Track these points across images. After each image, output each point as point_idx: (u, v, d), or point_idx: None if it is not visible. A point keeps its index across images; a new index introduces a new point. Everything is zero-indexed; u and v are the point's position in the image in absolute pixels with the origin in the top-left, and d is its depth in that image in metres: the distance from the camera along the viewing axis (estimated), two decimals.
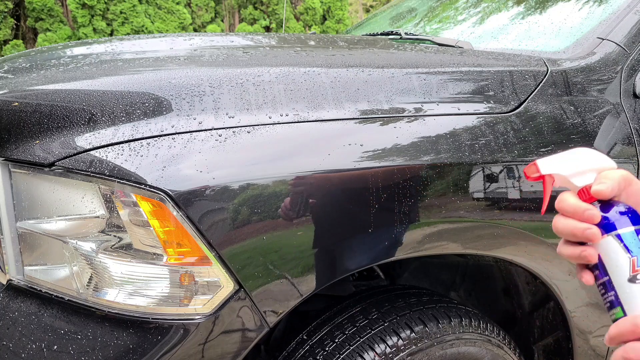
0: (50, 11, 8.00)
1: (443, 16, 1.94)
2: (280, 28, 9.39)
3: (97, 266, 0.89)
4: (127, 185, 0.85)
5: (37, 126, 0.91)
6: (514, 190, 1.07)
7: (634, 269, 0.54)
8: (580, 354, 1.30)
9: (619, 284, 0.55)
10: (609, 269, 0.56)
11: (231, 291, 0.90)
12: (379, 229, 0.96)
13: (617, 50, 1.23)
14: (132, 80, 0.98)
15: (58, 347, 0.87)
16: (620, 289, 0.55)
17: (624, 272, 0.55)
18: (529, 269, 1.15)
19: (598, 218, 0.57)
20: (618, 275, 0.56)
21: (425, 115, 1.04)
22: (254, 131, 0.92)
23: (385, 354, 1.04)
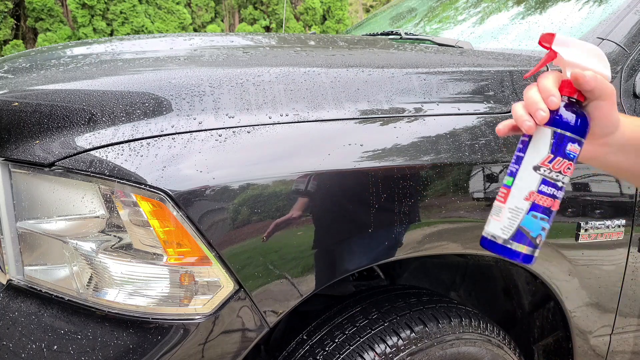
0: (50, 11, 8.00)
1: (443, 16, 1.94)
2: (280, 28, 9.39)
3: (97, 266, 0.89)
4: (127, 185, 0.85)
5: (37, 126, 0.91)
6: None
7: (543, 163, 0.61)
8: (580, 354, 1.30)
9: (525, 164, 0.63)
10: (528, 151, 0.63)
11: (231, 291, 0.90)
12: (379, 229, 0.96)
13: (617, 50, 1.23)
14: (132, 80, 0.98)
15: (58, 347, 0.87)
16: (523, 168, 0.63)
17: (535, 160, 0.62)
18: (528, 269, 1.15)
19: (555, 106, 0.61)
20: (530, 159, 0.62)
21: (425, 115, 1.04)
22: (254, 131, 0.92)
23: (385, 354, 1.04)
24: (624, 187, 1.19)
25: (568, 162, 0.61)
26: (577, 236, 1.15)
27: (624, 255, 1.22)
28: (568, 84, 0.63)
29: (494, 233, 0.64)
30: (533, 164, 0.62)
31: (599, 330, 1.28)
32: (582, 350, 1.29)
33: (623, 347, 1.35)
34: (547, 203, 0.62)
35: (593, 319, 1.26)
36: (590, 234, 1.16)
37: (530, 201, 0.62)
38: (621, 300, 1.27)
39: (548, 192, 0.62)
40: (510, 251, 0.64)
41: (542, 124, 0.62)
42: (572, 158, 0.62)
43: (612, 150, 0.69)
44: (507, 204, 0.64)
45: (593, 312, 1.25)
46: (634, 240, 1.22)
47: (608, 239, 1.18)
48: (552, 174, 0.61)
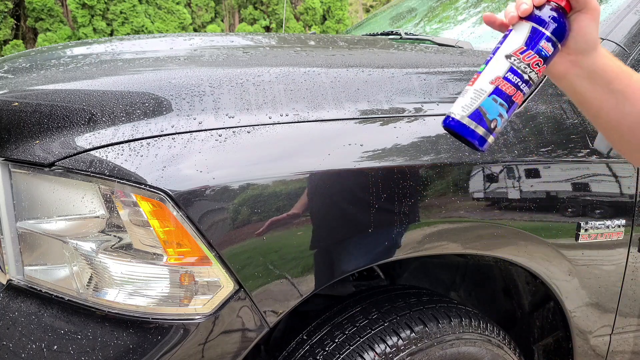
0: (50, 11, 8.00)
1: (443, 16, 1.94)
2: (280, 28, 9.38)
3: (97, 266, 0.89)
4: (127, 185, 0.85)
5: (37, 126, 0.91)
6: (514, 190, 1.07)
7: (515, 52, 0.66)
8: (580, 354, 1.30)
9: (499, 53, 0.67)
10: (506, 41, 0.68)
11: (231, 291, 0.90)
12: (379, 229, 0.96)
13: (617, 50, 1.23)
14: (132, 80, 0.98)
15: (58, 347, 0.87)
16: (496, 56, 0.67)
17: (509, 49, 0.66)
18: (529, 269, 1.15)
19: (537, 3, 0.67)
20: (504, 48, 0.67)
21: (425, 115, 1.04)
22: (254, 131, 0.92)
23: (385, 354, 1.04)
24: (624, 187, 1.19)
25: (539, 58, 0.65)
26: (577, 236, 1.15)
27: (624, 255, 1.22)
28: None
29: (455, 110, 0.68)
30: (506, 52, 0.66)
31: (599, 330, 1.28)
32: (582, 350, 1.29)
33: (623, 347, 1.35)
34: (510, 91, 0.66)
35: (593, 319, 1.26)
36: (590, 234, 1.16)
37: (494, 85, 0.66)
38: (621, 300, 1.27)
39: (513, 81, 0.66)
40: (466, 129, 0.67)
41: (524, 16, 0.67)
42: (544, 56, 0.66)
43: (581, 73, 0.72)
44: (473, 85, 0.68)
45: (593, 312, 1.25)
46: (634, 240, 1.22)
47: (608, 239, 1.18)
48: (522, 64, 0.65)
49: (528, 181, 1.08)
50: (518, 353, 1.25)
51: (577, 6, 0.69)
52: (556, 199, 1.11)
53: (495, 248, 1.10)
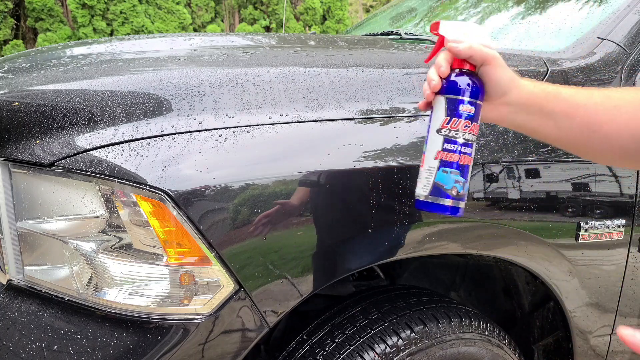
0: (50, 11, 8.00)
1: (443, 16, 1.94)
2: (280, 28, 9.38)
3: (97, 266, 0.89)
4: (127, 185, 0.85)
5: (37, 126, 0.91)
6: (514, 190, 1.07)
7: (443, 125, 0.72)
8: (580, 354, 1.30)
9: (431, 130, 0.74)
10: (432, 118, 0.74)
11: (231, 291, 0.90)
12: (379, 229, 0.96)
13: (617, 50, 1.23)
14: (132, 80, 0.98)
15: (58, 347, 0.87)
16: (430, 133, 0.74)
17: (437, 124, 0.73)
18: (529, 269, 1.15)
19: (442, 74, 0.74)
20: (433, 124, 0.74)
21: (425, 115, 1.04)
22: (254, 131, 0.92)
23: (385, 354, 1.04)
24: (624, 187, 1.19)
25: (465, 121, 0.72)
26: (577, 236, 1.15)
27: (624, 255, 1.22)
28: (456, 59, 0.74)
29: (418, 192, 0.75)
30: (436, 127, 0.73)
31: (599, 330, 1.28)
32: (582, 350, 1.29)
33: (623, 347, 1.35)
34: (454, 158, 0.72)
35: (593, 319, 1.26)
36: (590, 234, 1.16)
37: (438, 159, 0.73)
38: (621, 300, 1.27)
39: (452, 149, 0.72)
40: (434, 205, 0.74)
41: (436, 91, 0.74)
42: (469, 117, 0.72)
43: (514, 110, 0.76)
44: (423, 166, 0.75)
45: (593, 312, 1.25)
46: (634, 240, 1.22)
47: (608, 239, 1.18)
48: (452, 132, 0.72)
49: (528, 181, 1.08)
50: (518, 353, 1.25)
51: (478, 62, 0.74)
52: (556, 199, 1.11)
53: (495, 248, 1.10)
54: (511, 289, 1.38)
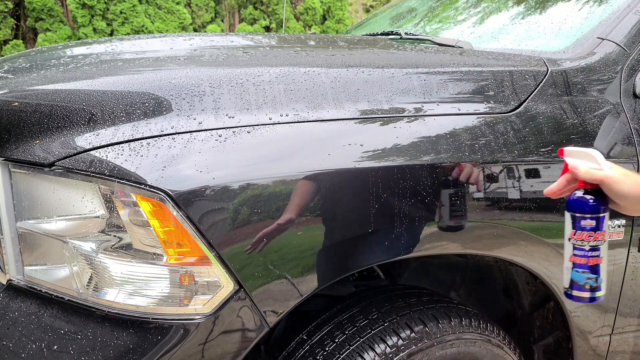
0: (50, 11, 7.99)
1: (443, 16, 1.94)
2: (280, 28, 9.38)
3: (97, 266, 0.89)
4: (127, 185, 0.85)
5: (37, 126, 0.91)
6: (514, 190, 1.07)
7: (572, 236, 0.86)
8: (580, 354, 1.30)
9: (565, 237, 0.87)
10: (565, 228, 0.88)
11: (231, 291, 0.90)
12: (379, 229, 0.96)
13: (617, 50, 1.23)
14: (132, 80, 0.98)
15: (58, 347, 0.87)
16: (565, 240, 0.87)
17: (567, 234, 0.87)
18: (529, 269, 1.15)
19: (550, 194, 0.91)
20: (566, 233, 0.87)
21: (425, 115, 1.04)
22: (254, 131, 0.92)
23: (385, 354, 1.04)
24: None
25: (587, 232, 0.84)
26: None
27: (624, 255, 1.22)
28: (580, 180, 0.86)
29: (564, 284, 0.89)
30: (567, 236, 0.87)
31: (599, 330, 1.28)
32: (582, 350, 1.29)
33: (623, 347, 1.35)
34: (583, 261, 0.85)
35: (593, 319, 1.26)
36: None
37: (572, 261, 0.87)
38: (621, 300, 1.27)
39: (580, 254, 0.85)
40: (575, 297, 0.88)
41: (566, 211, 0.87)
42: (591, 229, 0.84)
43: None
44: (564, 264, 0.88)
45: (593, 312, 1.25)
46: (634, 240, 1.22)
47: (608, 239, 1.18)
48: (578, 242, 0.85)
49: (528, 181, 1.08)
50: (518, 353, 1.25)
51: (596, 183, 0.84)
52: (556, 199, 1.11)
53: (495, 248, 1.10)
54: (511, 289, 1.38)
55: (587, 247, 0.85)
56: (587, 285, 0.86)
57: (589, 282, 0.86)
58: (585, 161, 0.85)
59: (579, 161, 0.85)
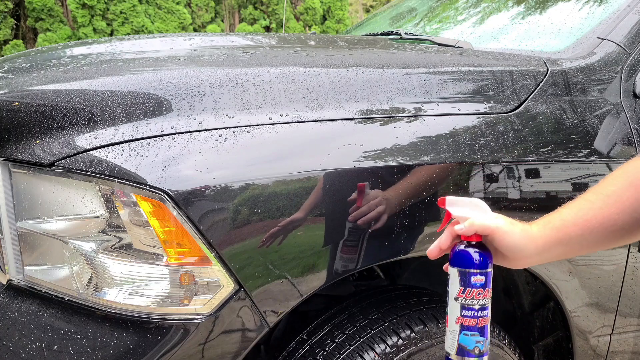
0: (50, 11, 8.00)
1: (443, 16, 1.94)
2: (280, 28, 9.38)
3: (97, 266, 0.89)
4: (127, 185, 0.85)
5: (37, 126, 0.91)
6: (514, 190, 1.07)
7: (459, 294, 0.77)
8: (580, 354, 1.30)
9: (450, 297, 0.79)
10: (449, 286, 0.79)
11: (231, 291, 0.90)
12: (379, 229, 0.96)
13: (617, 50, 1.23)
14: (132, 80, 0.98)
15: (58, 347, 0.87)
16: (449, 300, 0.79)
17: (454, 293, 0.78)
18: (529, 269, 1.15)
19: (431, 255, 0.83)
20: (451, 292, 0.78)
21: (425, 115, 1.04)
22: (254, 131, 0.92)
23: (385, 354, 1.04)
24: None
25: (477, 289, 0.77)
26: None
27: (624, 255, 1.22)
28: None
29: (447, 350, 0.80)
30: (453, 295, 0.78)
31: (599, 330, 1.28)
32: (582, 350, 1.29)
33: (623, 347, 1.35)
34: (472, 322, 0.77)
35: (593, 319, 1.26)
36: None
37: (459, 324, 0.78)
38: (621, 300, 1.27)
39: (469, 315, 0.77)
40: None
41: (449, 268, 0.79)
42: (480, 286, 0.77)
43: (540, 257, 0.78)
44: (448, 327, 0.79)
45: (593, 312, 1.25)
46: None
47: None
48: (467, 301, 0.77)
49: (528, 181, 1.08)
50: (518, 353, 1.25)
51: (483, 235, 0.77)
52: (556, 199, 1.11)
53: None
54: (511, 289, 1.38)
55: (476, 306, 0.77)
56: (476, 350, 0.78)
57: (478, 345, 0.78)
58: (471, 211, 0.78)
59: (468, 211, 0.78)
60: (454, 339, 0.78)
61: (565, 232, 0.76)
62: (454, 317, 0.78)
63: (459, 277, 0.77)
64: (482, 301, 0.77)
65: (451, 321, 0.79)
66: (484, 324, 0.78)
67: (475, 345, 0.78)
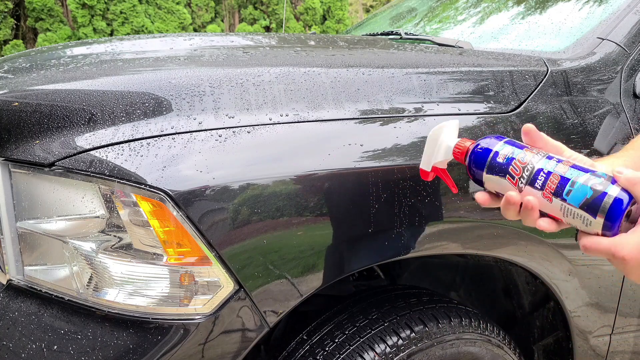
0: (50, 11, 8.00)
1: (443, 16, 1.94)
2: (280, 28, 9.38)
3: (97, 266, 0.89)
4: (127, 185, 0.85)
5: (37, 126, 0.91)
6: None
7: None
8: (580, 354, 1.30)
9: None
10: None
11: (231, 291, 0.90)
12: (379, 229, 0.96)
13: (617, 50, 1.23)
14: (132, 80, 0.98)
15: (58, 347, 0.87)
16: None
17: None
18: (529, 269, 1.15)
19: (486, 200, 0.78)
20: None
21: (425, 115, 1.04)
22: (254, 131, 0.92)
23: (385, 354, 1.04)
24: None
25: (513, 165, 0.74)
26: (577, 236, 1.15)
27: None
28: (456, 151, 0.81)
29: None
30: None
31: (599, 330, 1.28)
32: (582, 350, 1.29)
33: (623, 347, 1.35)
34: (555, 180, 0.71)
35: (593, 319, 1.26)
36: None
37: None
38: (621, 300, 1.27)
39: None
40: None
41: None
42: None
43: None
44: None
45: (593, 312, 1.25)
46: None
47: None
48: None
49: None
50: (518, 353, 1.26)
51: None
52: None
53: (495, 248, 1.10)
54: (511, 289, 1.38)
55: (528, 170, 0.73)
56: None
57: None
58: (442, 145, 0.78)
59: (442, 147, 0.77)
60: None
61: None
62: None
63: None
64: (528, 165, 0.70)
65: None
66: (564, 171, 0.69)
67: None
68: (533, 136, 0.76)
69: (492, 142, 0.74)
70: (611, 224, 0.65)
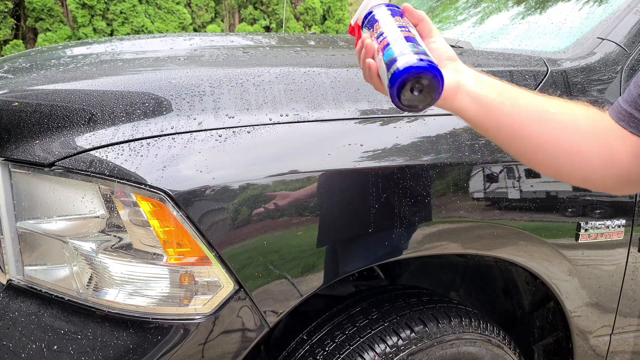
0: (50, 11, 8.00)
1: (443, 16, 1.94)
2: (280, 28, 9.38)
3: (97, 266, 0.89)
4: (127, 185, 0.85)
5: (37, 126, 0.91)
6: (514, 190, 1.07)
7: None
8: (580, 354, 1.30)
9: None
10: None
11: (231, 291, 0.90)
12: (379, 229, 0.96)
13: (617, 50, 1.23)
14: (132, 80, 0.98)
15: (58, 347, 0.87)
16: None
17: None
18: (529, 269, 1.15)
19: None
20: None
21: (425, 115, 1.04)
22: (254, 131, 0.92)
23: (385, 353, 1.04)
24: None
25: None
26: (577, 236, 1.15)
27: (624, 255, 1.22)
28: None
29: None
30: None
31: (599, 330, 1.28)
32: (582, 350, 1.29)
33: (623, 347, 1.35)
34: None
35: (593, 319, 1.26)
36: (590, 234, 1.16)
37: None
38: (621, 300, 1.27)
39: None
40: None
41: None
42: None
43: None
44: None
45: (593, 312, 1.25)
46: (634, 240, 1.22)
47: (608, 239, 1.18)
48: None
49: (528, 181, 1.08)
50: (518, 353, 1.25)
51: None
52: (556, 199, 1.11)
53: (495, 248, 1.10)
54: (511, 289, 1.38)
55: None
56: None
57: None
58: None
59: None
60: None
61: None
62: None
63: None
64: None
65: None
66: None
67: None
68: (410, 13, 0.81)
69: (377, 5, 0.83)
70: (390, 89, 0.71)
